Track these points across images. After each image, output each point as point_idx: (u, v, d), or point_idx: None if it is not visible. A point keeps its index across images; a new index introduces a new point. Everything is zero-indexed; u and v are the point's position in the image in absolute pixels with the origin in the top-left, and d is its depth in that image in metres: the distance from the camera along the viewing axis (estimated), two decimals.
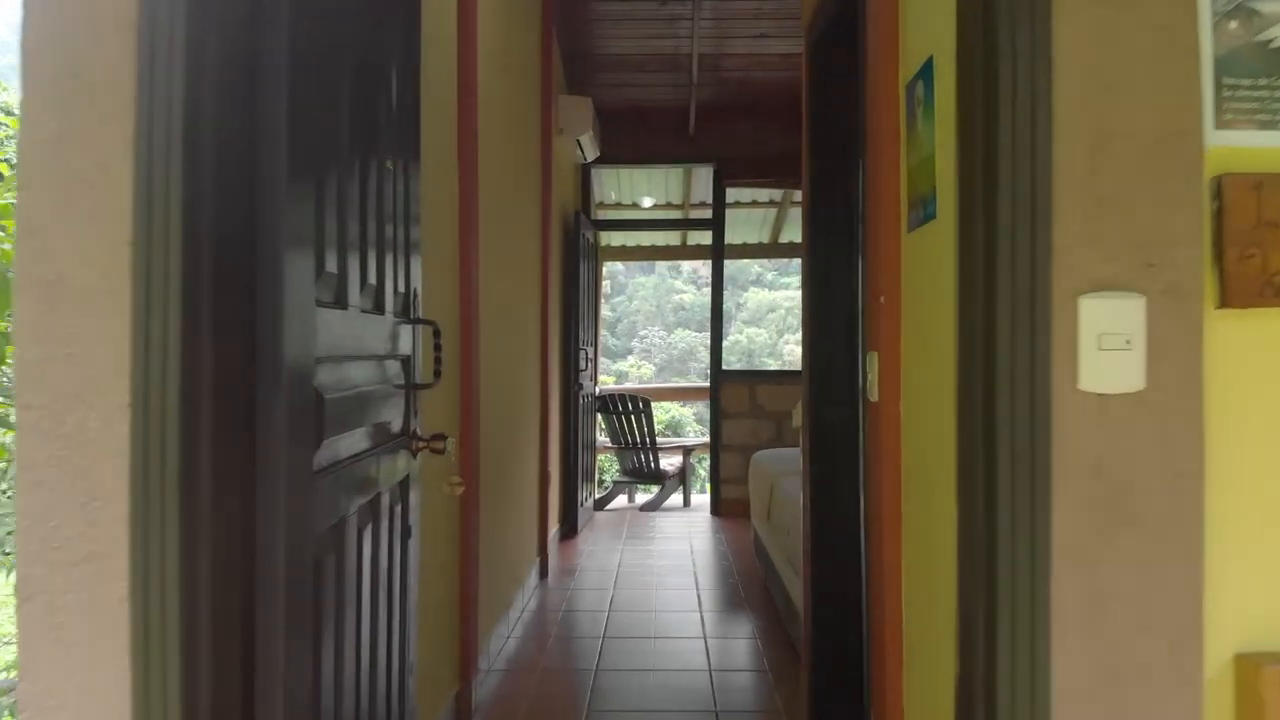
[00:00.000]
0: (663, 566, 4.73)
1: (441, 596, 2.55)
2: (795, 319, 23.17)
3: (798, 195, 7.72)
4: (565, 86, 5.56)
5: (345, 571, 1.40)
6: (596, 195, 7.39)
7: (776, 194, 7.44)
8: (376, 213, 1.58)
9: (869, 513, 2.02)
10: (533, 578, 4.26)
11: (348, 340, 1.42)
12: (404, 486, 1.81)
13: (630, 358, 22.88)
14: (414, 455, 1.84)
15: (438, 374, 1.87)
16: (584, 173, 6.33)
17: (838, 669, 2.70)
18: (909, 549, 1.84)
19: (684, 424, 17.19)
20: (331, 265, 1.33)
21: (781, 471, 3.80)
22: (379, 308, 1.60)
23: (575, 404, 5.60)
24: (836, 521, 2.69)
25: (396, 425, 1.75)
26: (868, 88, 2.04)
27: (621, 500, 7.41)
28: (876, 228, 1.95)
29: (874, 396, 1.93)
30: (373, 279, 1.55)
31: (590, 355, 6.13)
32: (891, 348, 1.88)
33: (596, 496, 6.96)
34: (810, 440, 2.72)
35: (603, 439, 7.71)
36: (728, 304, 5.80)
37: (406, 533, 1.81)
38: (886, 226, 1.90)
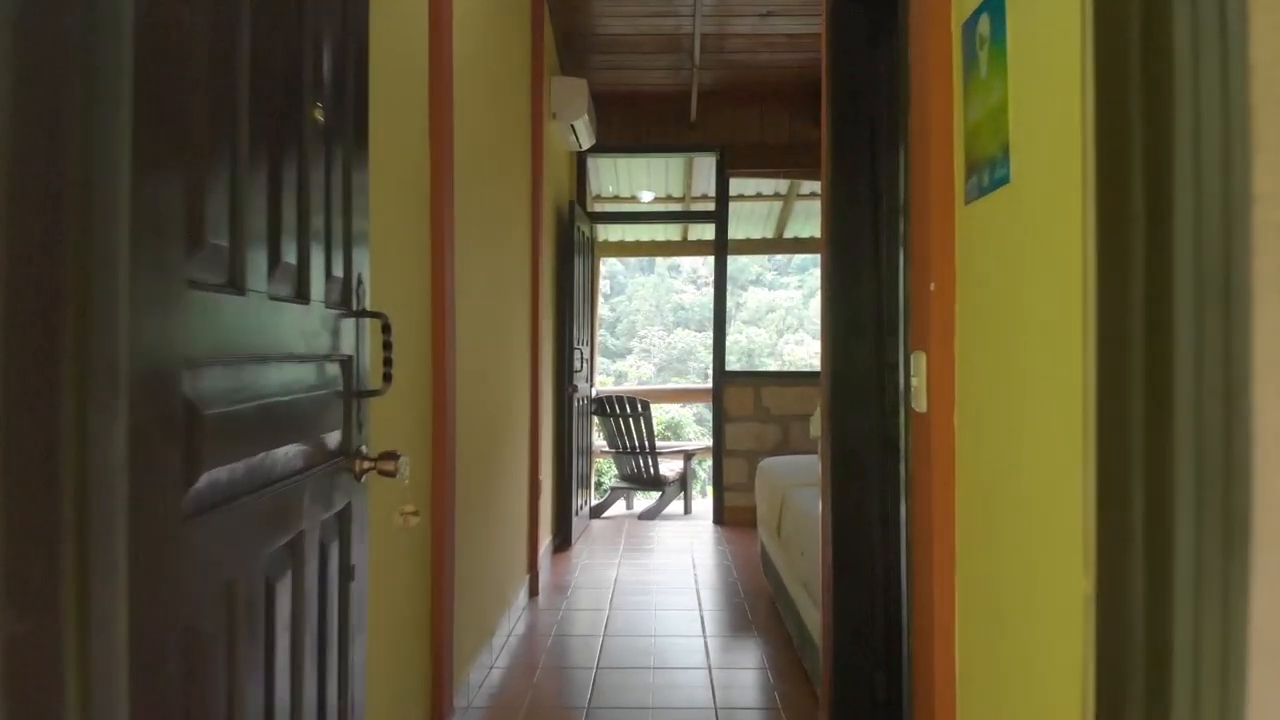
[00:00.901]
0: (662, 583, 4.38)
1: (410, 631, 2.21)
2: (795, 319, 23.26)
3: (805, 187, 7.40)
4: (558, 69, 5.22)
5: (247, 638, 1.06)
6: (593, 187, 7.05)
7: (783, 186, 7.10)
8: (299, 184, 1.24)
9: (912, 543, 1.68)
10: (521, 597, 3.92)
11: (250, 335, 1.08)
12: (344, 518, 1.46)
13: (630, 358, 22.82)
14: (358, 478, 1.50)
15: (387, 378, 1.53)
16: (579, 162, 5.98)
17: (864, 713, 2.36)
18: (965, 594, 1.50)
19: (683, 426, 16.83)
20: (218, 236, 0.99)
21: (793, 483, 3.46)
22: (301, 295, 1.25)
23: (569, 406, 5.25)
24: (861, 546, 2.35)
25: (333, 443, 1.40)
26: (910, 33, 1.70)
27: (620, 507, 7.07)
28: (924, 203, 1.61)
29: (920, 405, 1.59)
30: (291, 258, 1.20)
31: (586, 355, 5.78)
32: (943, 346, 1.54)
33: (593, 504, 6.62)
34: (832, 453, 2.38)
35: (600, 442, 7.38)
36: (727, 304, 5.48)
37: (347, 574, 1.47)
38: (937, 200, 1.56)
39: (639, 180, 7.06)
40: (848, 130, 2.43)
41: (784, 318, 22.50)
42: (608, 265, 25.26)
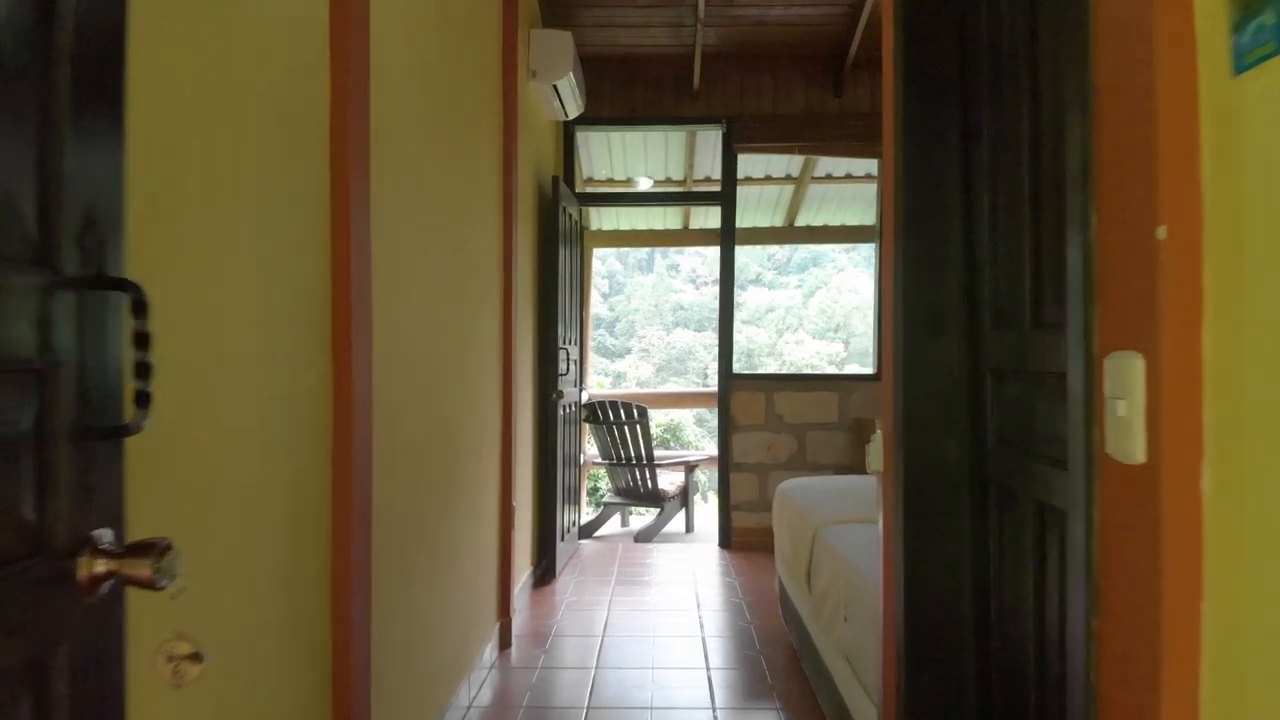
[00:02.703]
0: (661, 629, 3.67)
1: None
2: (795, 319, 22.71)
3: (820, 168, 6.68)
4: (539, 22, 4.50)
5: None
6: (584, 169, 6.34)
7: (795, 167, 6.39)
8: None
9: (1099, 686, 0.97)
10: (488, 653, 3.21)
11: None
12: (51, 672, 0.76)
13: (629, 358, 22.64)
14: (86, 592, 0.79)
15: (142, 401, 0.82)
16: (566, 136, 5.26)
17: None
18: None
19: (683, 429, 16.10)
20: None
21: (828, 517, 2.75)
22: None
23: (554, 415, 4.53)
24: (947, 638, 1.64)
25: (23, 530, 0.70)
26: None
27: (614, 524, 6.36)
28: (1126, 87, 0.90)
29: (1132, 450, 0.88)
30: None
31: (574, 356, 5.07)
32: (1181, 341, 0.83)
33: (583, 522, 5.91)
34: (904, 499, 1.67)
35: (593, 451, 6.68)
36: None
37: None
38: (1165, 76, 0.85)
39: (635, 162, 6.34)
40: (925, 45, 1.72)
41: (784, 317, 22.38)
42: (606, 264, 24.80)
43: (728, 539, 5.26)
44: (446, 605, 2.62)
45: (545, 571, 4.48)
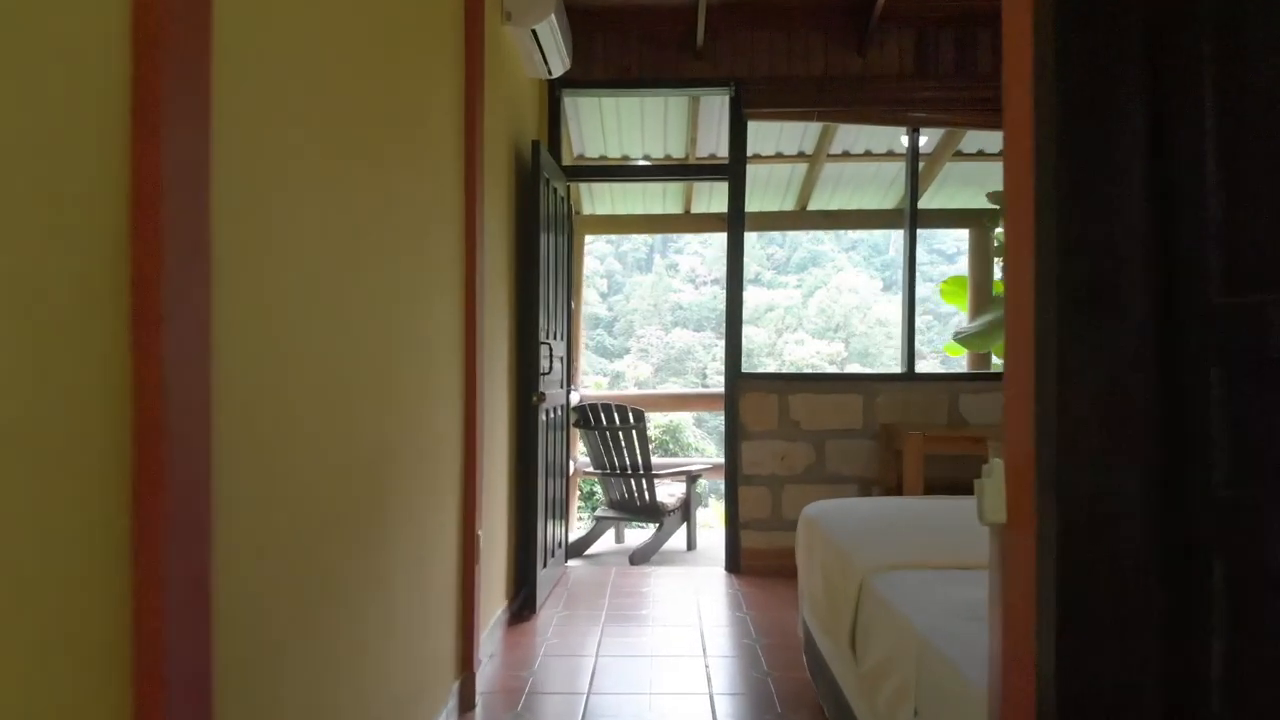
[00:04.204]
0: (660, 682, 3.02)
1: None
2: (794, 318, 22.27)
3: (837, 144, 6.01)
4: None
5: None
6: (575, 147, 5.69)
7: (809, 142, 5.73)
8: None
9: None
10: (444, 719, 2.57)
11: None
12: None
13: (627, 357, 22.52)
14: None
15: None
16: (552, 99, 4.60)
17: None
18: None
19: (682, 429, 15.45)
20: None
21: (877, 559, 2.09)
22: None
23: (535, 420, 3.88)
24: None
25: None
26: None
27: (608, 539, 5.71)
28: None
29: None
30: None
31: (560, 353, 4.43)
32: None
33: (574, 538, 5.27)
34: (1059, 575, 1.02)
35: (585, 459, 6.04)
36: (723, 305, 4.10)
37: None
38: None
39: (631, 137, 5.69)
40: (1099, 40, 1.07)
41: (783, 317, 22.20)
42: (605, 263, 24.32)
43: (736, 562, 4.61)
44: (375, 676, 1.97)
45: (524, 605, 3.83)
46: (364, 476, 1.90)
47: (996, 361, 6.13)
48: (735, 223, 4.68)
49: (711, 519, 9.71)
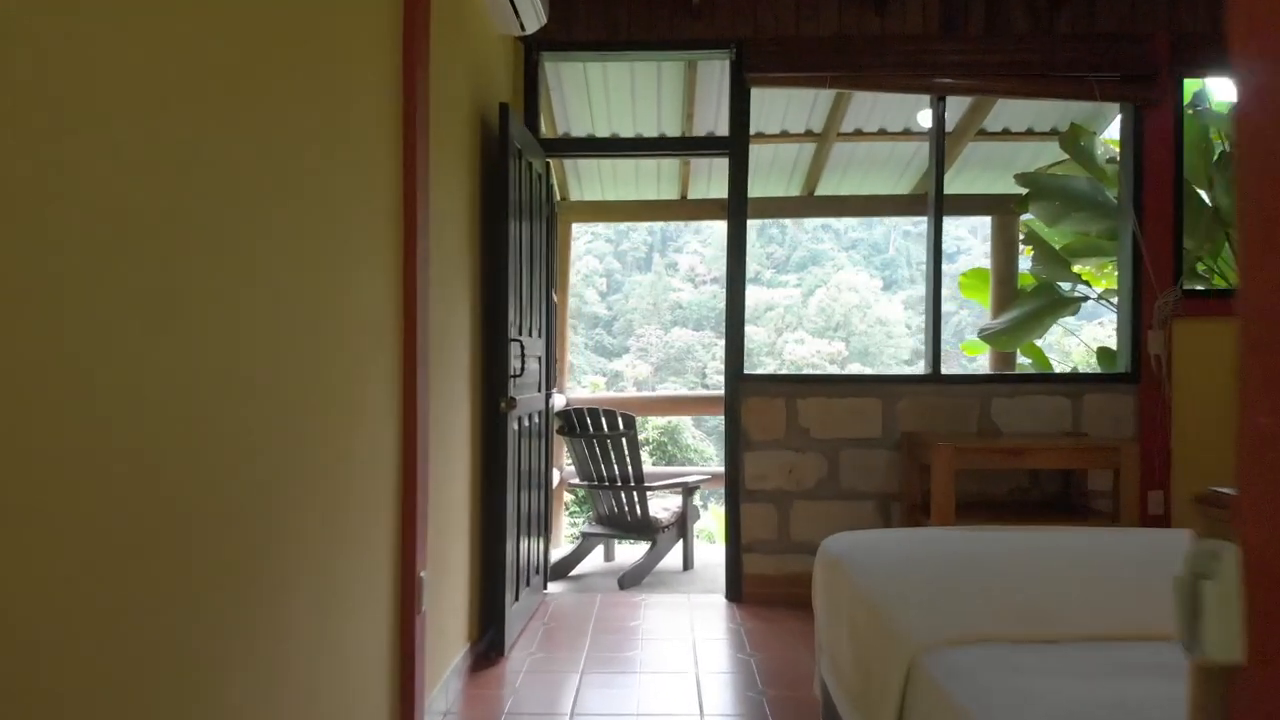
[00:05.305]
0: None
1: None
2: (794, 318, 21.88)
3: (849, 122, 5.42)
4: None
5: None
6: (559, 125, 5.14)
7: (819, 118, 5.18)
8: None
9: None
10: None
11: None
12: None
13: (626, 357, 22.36)
14: None
15: None
16: (529, 63, 4.05)
17: None
18: None
19: (680, 431, 14.88)
20: None
21: (933, 630, 1.54)
22: None
23: (504, 428, 3.33)
24: None
25: None
26: None
27: (596, 557, 5.16)
28: None
29: None
30: None
31: (537, 352, 3.88)
32: None
33: (556, 558, 4.72)
34: None
35: (571, 470, 5.49)
36: (723, 304, 3.51)
37: None
38: None
39: (620, 111, 5.13)
40: None
41: (783, 316, 22.10)
42: (604, 262, 23.85)
43: (738, 589, 4.06)
44: None
45: (490, 647, 3.29)
46: (220, 526, 1.36)
47: (1023, 361, 5.58)
48: (736, 208, 4.13)
49: (710, 524, 9.15)
